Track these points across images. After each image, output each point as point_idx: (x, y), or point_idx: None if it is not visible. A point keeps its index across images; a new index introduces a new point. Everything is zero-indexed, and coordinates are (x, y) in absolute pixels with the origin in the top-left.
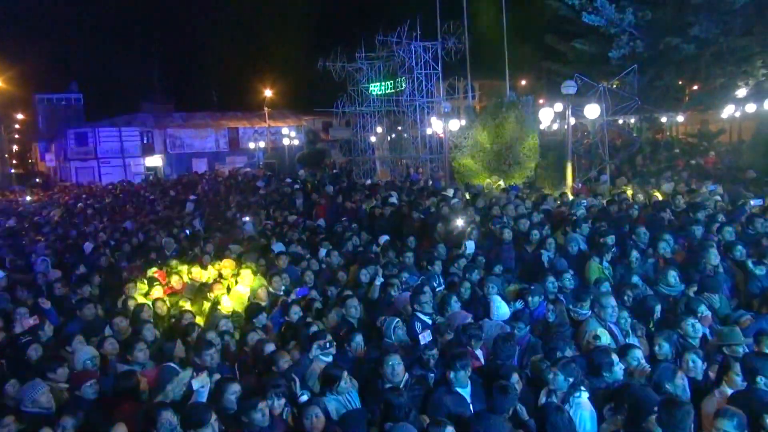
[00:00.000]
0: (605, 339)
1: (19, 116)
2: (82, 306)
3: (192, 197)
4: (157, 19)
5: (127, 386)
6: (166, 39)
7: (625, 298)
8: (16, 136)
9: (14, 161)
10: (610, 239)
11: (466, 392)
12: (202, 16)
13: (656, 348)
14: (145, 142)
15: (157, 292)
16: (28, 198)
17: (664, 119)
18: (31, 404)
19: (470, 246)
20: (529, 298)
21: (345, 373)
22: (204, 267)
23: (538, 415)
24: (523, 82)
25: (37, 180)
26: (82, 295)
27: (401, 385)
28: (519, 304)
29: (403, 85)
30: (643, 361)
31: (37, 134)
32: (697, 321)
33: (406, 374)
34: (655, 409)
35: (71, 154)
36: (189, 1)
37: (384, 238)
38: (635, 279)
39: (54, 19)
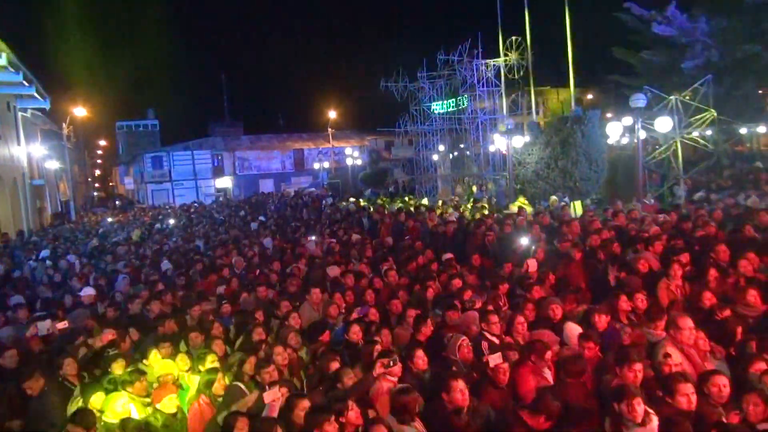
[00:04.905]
0: (677, 359)
1: (102, 143)
2: (159, 322)
3: (260, 218)
4: (225, 47)
5: None
6: (235, 65)
7: (702, 319)
8: (99, 161)
9: (96, 185)
10: (684, 257)
11: None
12: (268, 43)
13: None
14: (215, 164)
15: None
16: (110, 219)
17: (743, 131)
18: (112, 417)
19: (533, 265)
20: (595, 319)
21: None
22: (271, 286)
23: None
24: (590, 96)
25: (117, 202)
26: (154, 312)
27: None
28: (586, 325)
29: (465, 103)
30: (726, 388)
31: (117, 159)
32: None
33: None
34: None
35: (147, 177)
36: (256, 30)
37: (447, 256)
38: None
39: (131, 51)
